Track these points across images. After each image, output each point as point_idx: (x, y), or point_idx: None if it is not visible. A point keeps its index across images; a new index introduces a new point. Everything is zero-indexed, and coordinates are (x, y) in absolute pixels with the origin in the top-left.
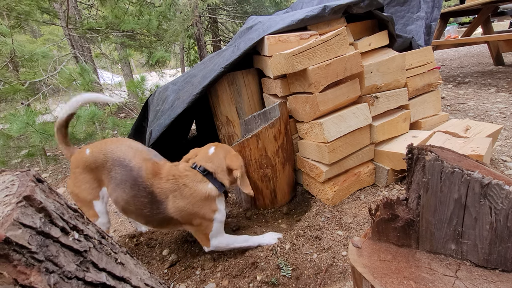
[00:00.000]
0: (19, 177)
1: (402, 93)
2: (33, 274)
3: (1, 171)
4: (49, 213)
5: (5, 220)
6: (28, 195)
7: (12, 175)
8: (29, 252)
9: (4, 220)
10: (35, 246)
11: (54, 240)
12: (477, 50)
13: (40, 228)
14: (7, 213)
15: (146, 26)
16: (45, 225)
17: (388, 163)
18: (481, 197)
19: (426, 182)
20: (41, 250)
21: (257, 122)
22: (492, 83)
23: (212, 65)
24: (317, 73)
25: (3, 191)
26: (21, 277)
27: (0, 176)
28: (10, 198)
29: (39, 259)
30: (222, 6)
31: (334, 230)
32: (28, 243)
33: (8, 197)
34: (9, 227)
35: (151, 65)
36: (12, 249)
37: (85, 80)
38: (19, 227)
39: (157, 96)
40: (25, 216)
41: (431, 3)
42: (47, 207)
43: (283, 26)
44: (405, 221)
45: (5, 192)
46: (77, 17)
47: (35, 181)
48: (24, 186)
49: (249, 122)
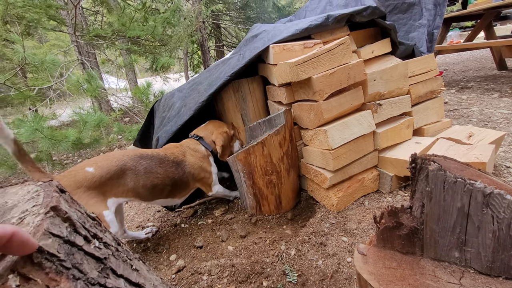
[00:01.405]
0: (43, 188)
1: (405, 100)
2: (62, 281)
3: (23, 181)
4: (73, 222)
5: (36, 230)
6: (55, 206)
7: (35, 185)
8: (58, 260)
9: (36, 230)
10: (63, 254)
11: (78, 248)
12: (480, 54)
13: (67, 237)
14: (38, 223)
15: (151, 33)
16: (70, 234)
17: (391, 169)
18: (483, 206)
19: (429, 191)
20: (68, 258)
21: (262, 129)
22: (495, 88)
23: (218, 73)
24: (321, 81)
25: (29, 201)
26: (52, 283)
27: (23, 186)
28: (38, 208)
29: (67, 266)
30: (225, 11)
31: (339, 236)
32: (57, 252)
33: (36, 207)
34: (41, 237)
35: (155, 70)
36: (44, 258)
37: (91, 86)
38: (49, 237)
39: (163, 103)
40: (54, 226)
41: (433, 11)
42: (71, 217)
43: (288, 36)
44: (410, 229)
45: (32, 203)
46: (83, 24)
47: (58, 191)
48: (49, 196)
49: (254, 128)
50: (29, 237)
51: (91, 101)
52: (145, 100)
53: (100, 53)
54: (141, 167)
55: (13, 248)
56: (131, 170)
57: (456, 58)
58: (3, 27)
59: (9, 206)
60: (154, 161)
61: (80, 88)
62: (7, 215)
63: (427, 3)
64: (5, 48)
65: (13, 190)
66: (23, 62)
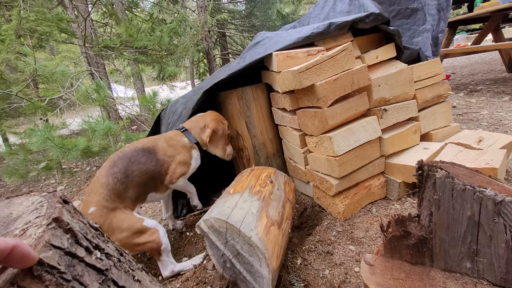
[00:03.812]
0: (46, 198)
1: (411, 105)
2: None
3: (28, 192)
4: (75, 233)
5: (37, 242)
6: (57, 217)
7: (39, 196)
8: (59, 272)
9: (37, 242)
10: (64, 266)
11: (79, 260)
12: (489, 57)
13: (68, 248)
14: (39, 235)
15: (158, 43)
16: (72, 246)
17: (399, 175)
18: (495, 214)
19: (437, 199)
20: (68, 270)
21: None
22: (506, 90)
23: (218, 74)
24: (325, 88)
25: (33, 212)
26: None
27: (28, 197)
28: (41, 219)
29: (67, 278)
30: (231, 20)
31: (346, 245)
32: (58, 264)
33: (38, 219)
34: (41, 249)
35: (162, 79)
36: (44, 270)
37: (100, 96)
38: (50, 249)
39: (168, 110)
40: (55, 237)
41: (437, 16)
42: (73, 228)
43: (290, 43)
44: (418, 238)
45: (36, 214)
46: (93, 35)
47: (61, 202)
48: (52, 207)
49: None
50: (30, 250)
51: (100, 110)
52: (152, 109)
53: (109, 64)
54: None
55: (14, 261)
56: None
57: (464, 61)
58: (17, 41)
59: (13, 217)
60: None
61: (89, 97)
62: (11, 226)
63: (430, 9)
64: (18, 60)
65: (18, 201)
66: (34, 73)
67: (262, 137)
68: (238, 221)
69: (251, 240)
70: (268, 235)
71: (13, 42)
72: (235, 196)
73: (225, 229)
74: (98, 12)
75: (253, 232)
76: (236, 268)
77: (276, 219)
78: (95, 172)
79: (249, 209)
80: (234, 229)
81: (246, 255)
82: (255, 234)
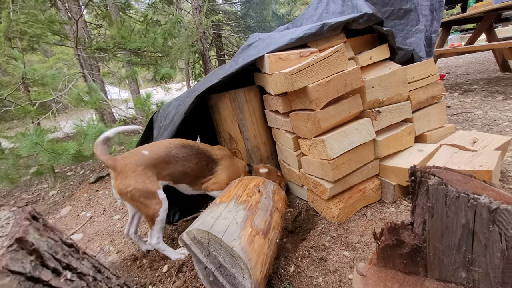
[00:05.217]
0: (15, 214)
1: (405, 107)
2: None
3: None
4: (41, 254)
5: None
6: (20, 237)
7: (9, 211)
8: None
9: None
10: None
11: (44, 284)
12: (482, 57)
13: (30, 273)
14: None
15: (152, 44)
16: (35, 269)
17: (394, 178)
18: (489, 223)
19: (430, 207)
20: None
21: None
22: (500, 90)
23: (211, 77)
24: (318, 90)
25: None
26: None
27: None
28: (3, 240)
29: None
30: (226, 21)
31: (340, 251)
32: None
33: (1, 239)
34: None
35: (157, 80)
36: None
37: (92, 99)
38: (7, 275)
39: (161, 113)
40: (15, 261)
41: (430, 17)
42: (39, 248)
43: (282, 45)
44: (411, 247)
45: (0, 233)
46: (86, 37)
47: (30, 218)
48: (18, 225)
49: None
50: None
51: (93, 113)
52: (147, 110)
53: (103, 66)
54: (181, 155)
55: None
56: (174, 156)
57: (458, 61)
58: (6, 43)
59: None
60: (193, 151)
61: (81, 100)
62: None
63: (423, 9)
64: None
65: None
66: (23, 77)
67: (255, 140)
68: (220, 231)
69: (233, 250)
70: (252, 244)
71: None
72: (220, 206)
73: (207, 240)
74: (92, 14)
75: (236, 242)
76: (219, 282)
77: (262, 228)
78: (88, 176)
79: (233, 219)
80: (216, 239)
81: (229, 267)
82: (237, 244)
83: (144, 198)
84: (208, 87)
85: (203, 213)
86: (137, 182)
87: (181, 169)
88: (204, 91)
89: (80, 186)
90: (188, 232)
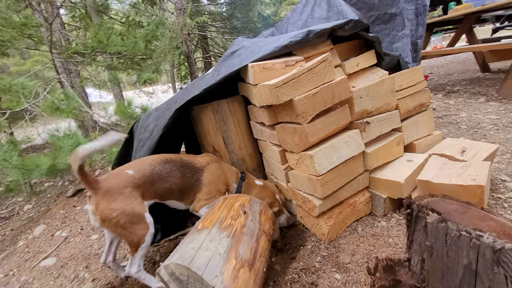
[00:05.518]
0: None
1: (394, 116)
2: None
3: None
4: None
5: None
6: None
7: None
8: None
9: None
10: None
11: None
12: (463, 57)
13: None
14: None
15: (133, 48)
16: None
17: (384, 191)
18: (494, 264)
19: (430, 246)
20: None
21: None
22: (481, 91)
23: (192, 88)
24: (304, 103)
25: None
26: None
27: None
28: None
29: None
30: (211, 22)
31: (331, 273)
32: None
33: None
34: None
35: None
36: None
37: (68, 107)
38: None
39: (141, 124)
40: None
41: (415, 21)
42: None
43: (266, 53)
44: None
45: None
46: (62, 41)
47: None
48: None
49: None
50: None
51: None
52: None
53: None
54: (165, 171)
55: None
56: (158, 174)
57: (440, 61)
58: None
59: None
60: (176, 165)
61: (56, 109)
62: None
63: (408, 13)
64: None
65: None
66: None
67: (240, 152)
68: (201, 266)
69: None
70: (237, 280)
71: None
72: (202, 234)
73: (186, 277)
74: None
75: (218, 279)
76: None
77: (247, 259)
78: (67, 188)
79: (216, 250)
80: (197, 277)
81: None
82: (219, 282)
83: (130, 223)
84: (189, 99)
85: (183, 242)
86: (125, 205)
87: (166, 186)
88: (185, 103)
89: (57, 199)
90: (166, 266)
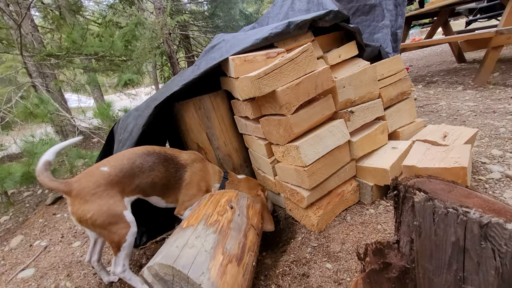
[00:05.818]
0: None
1: (377, 105)
2: None
3: None
4: None
5: None
6: None
7: None
8: None
9: None
10: None
11: None
12: (439, 49)
13: None
14: None
15: (111, 48)
16: None
17: (371, 179)
18: (481, 239)
19: (417, 225)
20: None
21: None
22: (458, 80)
23: (172, 84)
24: (287, 94)
25: None
26: None
27: None
28: None
29: None
30: (193, 22)
31: (323, 263)
32: None
33: None
34: None
35: (120, 87)
36: None
37: (43, 112)
38: None
39: (120, 125)
40: None
41: (394, 12)
42: None
43: (247, 46)
44: (399, 270)
45: None
46: (35, 43)
47: None
48: None
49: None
50: None
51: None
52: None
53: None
54: (146, 164)
55: None
56: (139, 167)
57: (419, 53)
58: None
59: None
60: (160, 158)
61: (30, 114)
62: None
63: (388, 4)
64: None
65: None
66: None
67: (226, 148)
68: (186, 264)
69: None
70: (224, 276)
71: None
72: (187, 232)
73: (171, 277)
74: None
75: (205, 276)
76: None
77: (235, 253)
78: (47, 196)
79: (201, 246)
80: (182, 275)
81: None
82: (206, 279)
83: (108, 223)
84: (169, 95)
85: (167, 241)
86: (99, 205)
87: (148, 180)
88: (164, 100)
89: (36, 208)
90: (149, 267)
